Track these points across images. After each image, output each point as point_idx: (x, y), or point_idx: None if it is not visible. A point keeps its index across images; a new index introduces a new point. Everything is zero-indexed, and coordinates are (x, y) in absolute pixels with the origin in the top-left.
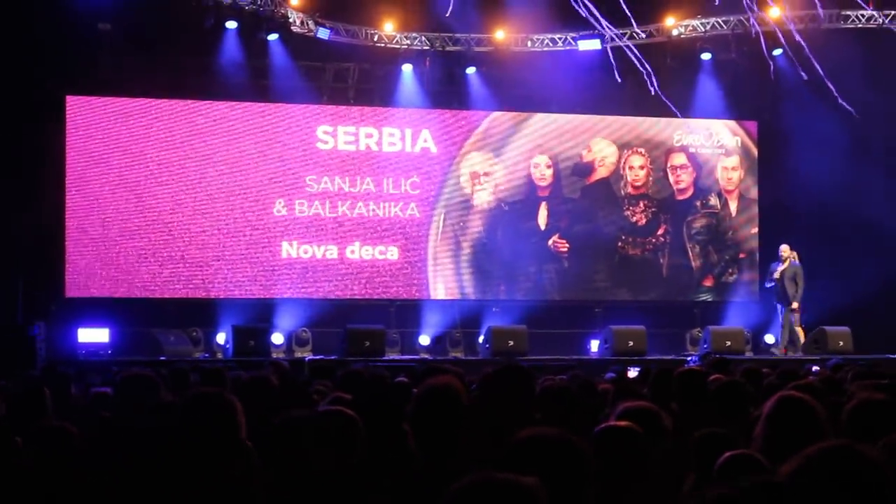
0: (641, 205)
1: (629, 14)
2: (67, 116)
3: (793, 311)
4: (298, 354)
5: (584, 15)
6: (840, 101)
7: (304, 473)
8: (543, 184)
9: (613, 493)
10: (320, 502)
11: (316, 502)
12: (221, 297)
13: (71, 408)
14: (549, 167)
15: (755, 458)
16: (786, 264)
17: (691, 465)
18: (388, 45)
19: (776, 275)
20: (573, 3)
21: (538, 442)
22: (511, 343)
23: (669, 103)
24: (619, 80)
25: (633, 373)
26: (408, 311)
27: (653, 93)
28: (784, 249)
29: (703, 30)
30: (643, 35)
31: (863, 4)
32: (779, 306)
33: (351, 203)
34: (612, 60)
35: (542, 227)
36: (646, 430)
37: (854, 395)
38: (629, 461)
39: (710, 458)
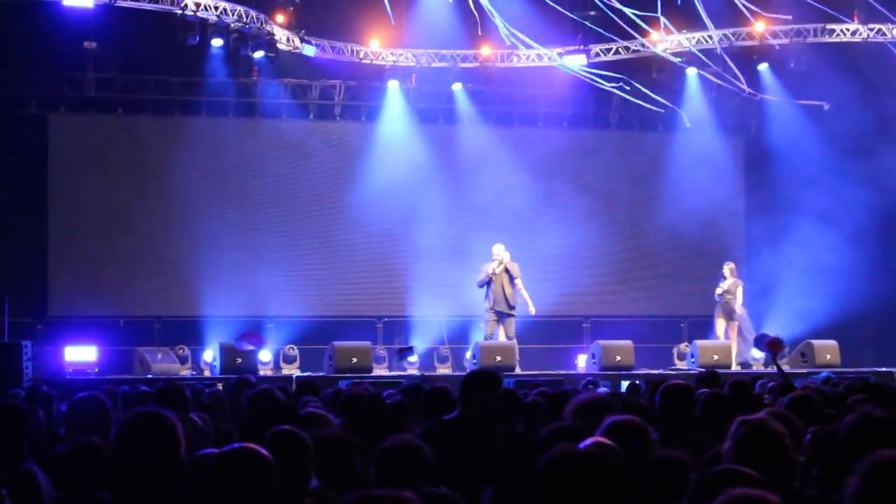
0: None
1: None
2: (51, 134)
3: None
4: (286, 372)
5: (570, 30)
6: (824, 113)
7: None
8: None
9: None
10: None
11: None
12: (208, 314)
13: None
14: None
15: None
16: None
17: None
18: (374, 62)
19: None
20: (560, 19)
21: None
22: (499, 359)
23: (655, 118)
24: (604, 95)
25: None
26: (395, 328)
27: (638, 108)
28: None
29: (689, 45)
30: (629, 50)
31: (843, 19)
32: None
33: (340, 219)
34: (597, 76)
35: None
36: (633, 445)
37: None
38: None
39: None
